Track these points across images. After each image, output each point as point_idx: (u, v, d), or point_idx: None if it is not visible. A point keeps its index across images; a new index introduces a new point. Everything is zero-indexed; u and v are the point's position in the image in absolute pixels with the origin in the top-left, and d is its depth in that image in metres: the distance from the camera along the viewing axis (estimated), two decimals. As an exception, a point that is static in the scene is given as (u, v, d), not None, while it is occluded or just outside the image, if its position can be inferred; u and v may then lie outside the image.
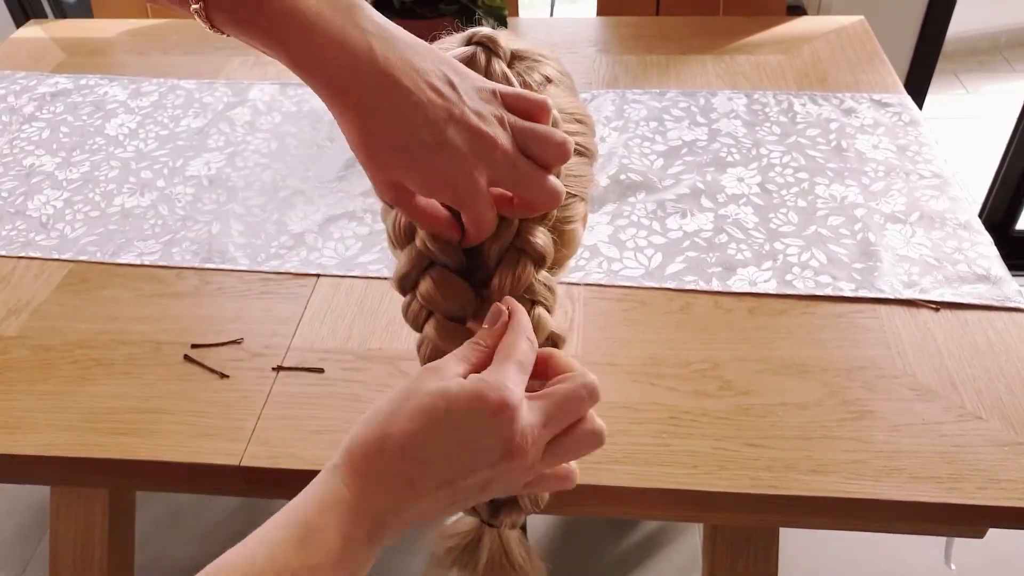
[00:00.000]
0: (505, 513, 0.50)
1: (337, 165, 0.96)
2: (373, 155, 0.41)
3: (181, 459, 0.64)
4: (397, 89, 0.40)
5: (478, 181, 0.42)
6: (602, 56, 1.16)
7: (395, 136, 0.40)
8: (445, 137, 0.41)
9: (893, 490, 0.59)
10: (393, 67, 0.40)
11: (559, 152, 0.44)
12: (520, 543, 0.54)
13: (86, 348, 0.74)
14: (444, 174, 0.42)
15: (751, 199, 0.87)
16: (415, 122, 0.40)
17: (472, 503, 0.43)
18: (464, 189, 0.42)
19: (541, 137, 0.44)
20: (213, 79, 1.15)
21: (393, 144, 0.41)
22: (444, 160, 0.41)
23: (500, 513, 0.51)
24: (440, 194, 0.43)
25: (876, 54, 1.12)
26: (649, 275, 0.78)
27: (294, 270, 0.81)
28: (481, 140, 0.42)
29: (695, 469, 0.61)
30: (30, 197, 0.93)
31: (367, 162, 0.42)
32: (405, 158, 0.41)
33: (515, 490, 0.46)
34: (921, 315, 0.73)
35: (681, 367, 0.69)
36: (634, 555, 1.31)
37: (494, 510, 0.51)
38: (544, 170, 0.45)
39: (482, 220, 0.44)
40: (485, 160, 0.42)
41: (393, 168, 0.42)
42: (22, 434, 0.66)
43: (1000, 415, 0.63)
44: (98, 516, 0.95)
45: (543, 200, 0.45)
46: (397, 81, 0.40)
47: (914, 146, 0.93)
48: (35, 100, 1.12)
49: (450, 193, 0.43)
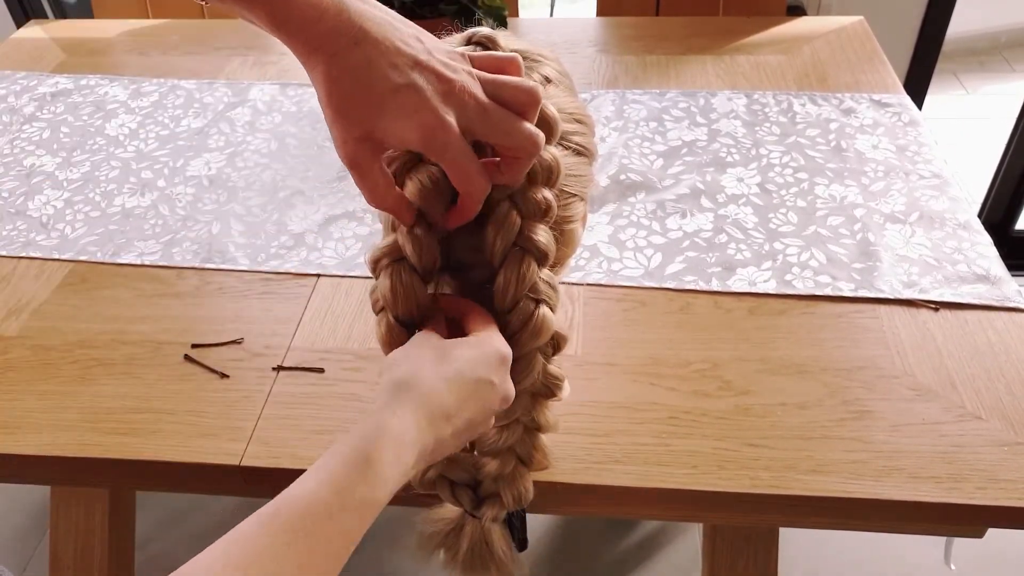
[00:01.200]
0: (488, 506, 0.51)
1: (337, 165, 0.96)
2: (340, 106, 0.42)
3: (181, 459, 0.64)
4: (366, 40, 0.41)
5: (445, 119, 0.42)
6: (602, 56, 1.16)
7: (361, 82, 0.41)
8: (410, 78, 0.41)
9: (893, 490, 0.59)
10: (365, 22, 0.41)
11: (529, 97, 0.44)
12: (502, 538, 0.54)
13: (86, 348, 0.74)
14: (410, 112, 0.42)
15: (751, 199, 0.87)
16: (381, 66, 0.41)
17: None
18: (432, 128, 0.42)
19: (511, 85, 0.44)
20: (213, 79, 1.15)
21: (359, 90, 0.41)
22: (409, 98, 0.41)
23: (483, 505, 0.51)
24: (408, 135, 0.42)
25: (876, 54, 1.12)
26: (649, 275, 0.78)
27: (294, 270, 0.81)
28: (447, 83, 0.42)
29: (695, 469, 0.61)
30: (30, 197, 0.94)
31: (334, 116, 0.42)
32: (370, 101, 0.41)
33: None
34: (921, 315, 0.73)
35: (681, 367, 0.69)
36: (634, 555, 1.31)
37: (477, 502, 0.51)
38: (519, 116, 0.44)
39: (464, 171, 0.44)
40: (453, 102, 0.42)
41: (359, 117, 0.42)
42: (22, 434, 0.66)
43: (1000, 415, 0.63)
44: (98, 516, 0.95)
45: (522, 143, 0.44)
46: (367, 33, 0.41)
47: (914, 146, 0.93)
48: (35, 100, 1.12)
49: (418, 134, 0.42)
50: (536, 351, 0.48)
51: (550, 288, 0.48)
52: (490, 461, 0.51)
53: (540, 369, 0.49)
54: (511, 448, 0.51)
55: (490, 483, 0.52)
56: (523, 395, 0.49)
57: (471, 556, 0.55)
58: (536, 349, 0.48)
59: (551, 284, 0.48)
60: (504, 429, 0.50)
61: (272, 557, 0.34)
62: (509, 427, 0.50)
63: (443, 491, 0.52)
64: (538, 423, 0.51)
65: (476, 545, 0.55)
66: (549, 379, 0.50)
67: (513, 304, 0.47)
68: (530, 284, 0.47)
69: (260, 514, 0.36)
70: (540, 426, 0.51)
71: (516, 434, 0.50)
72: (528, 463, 0.52)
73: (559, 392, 0.51)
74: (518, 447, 0.51)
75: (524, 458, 0.51)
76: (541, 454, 0.52)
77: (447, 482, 0.52)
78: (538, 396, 0.50)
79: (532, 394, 0.50)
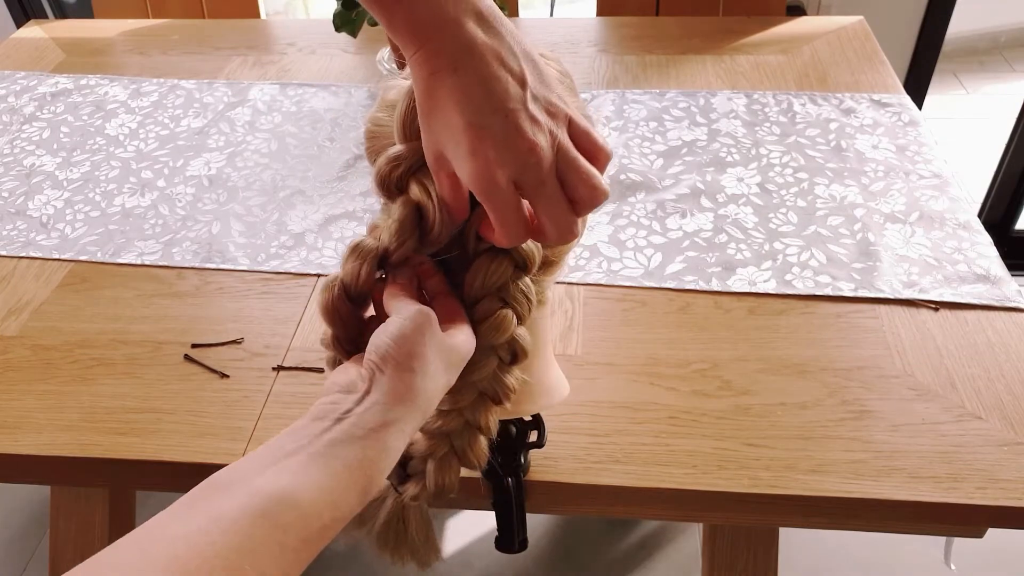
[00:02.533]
0: (411, 483, 0.51)
1: (337, 165, 0.96)
2: (426, 119, 0.43)
3: (181, 459, 0.64)
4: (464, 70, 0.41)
5: (495, 173, 0.41)
6: (602, 56, 1.16)
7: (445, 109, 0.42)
8: (484, 121, 0.41)
9: (893, 490, 0.59)
10: (471, 48, 0.41)
11: (591, 193, 0.43)
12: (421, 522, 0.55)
13: (86, 348, 0.74)
14: (468, 152, 0.41)
15: (751, 199, 0.87)
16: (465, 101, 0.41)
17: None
18: (480, 177, 0.42)
19: (582, 171, 0.43)
20: (213, 79, 1.15)
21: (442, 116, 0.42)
22: (472, 139, 0.41)
23: (407, 482, 0.51)
24: (462, 172, 0.42)
25: (876, 54, 1.12)
26: (649, 275, 0.78)
27: (294, 270, 0.81)
28: (522, 140, 0.42)
29: (695, 469, 0.61)
30: (31, 197, 0.94)
31: (423, 122, 0.43)
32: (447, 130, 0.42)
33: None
34: (921, 315, 0.73)
35: (681, 367, 0.69)
36: (634, 555, 1.31)
37: (403, 478, 0.51)
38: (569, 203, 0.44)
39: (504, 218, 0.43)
40: (516, 160, 0.42)
41: (437, 136, 0.43)
42: (22, 434, 0.66)
43: (1000, 415, 0.63)
44: (98, 516, 0.95)
45: (558, 231, 0.44)
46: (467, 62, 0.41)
47: (913, 146, 0.93)
48: (35, 100, 1.12)
49: (469, 176, 0.42)
50: (491, 349, 0.48)
51: (523, 296, 0.48)
52: (423, 440, 0.51)
53: (490, 370, 0.48)
54: (446, 435, 0.50)
55: (418, 462, 0.51)
56: (471, 390, 0.49)
57: (386, 531, 0.56)
58: (491, 347, 0.48)
59: (526, 293, 0.48)
60: (444, 415, 0.50)
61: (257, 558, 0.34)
62: (449, 414, 0.50)
63: None
64: (478, 423, 0.51)
65: (392, 521, 0.55)
66: (500, 385, 0.49)
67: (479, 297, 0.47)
68: (499, 284, 0.47)
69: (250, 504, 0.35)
70: (480, 426, 0.51)
71: (455, 424, 0.50)
72: (461, 457, 0.51)
73: (506, 402, 0.50)
74: (455, 438, 0.51)
75: (458, 450, 0.51)
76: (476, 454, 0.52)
77: None
78: (485, 397, 0.50)
79: (480, 393, 0.50)
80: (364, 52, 1.20)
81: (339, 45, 1.22)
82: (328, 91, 1.10)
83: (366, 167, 0.95)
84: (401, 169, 0.46)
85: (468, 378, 0.48)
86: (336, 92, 1.10)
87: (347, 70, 1.15)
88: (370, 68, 1.15)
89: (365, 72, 1.15)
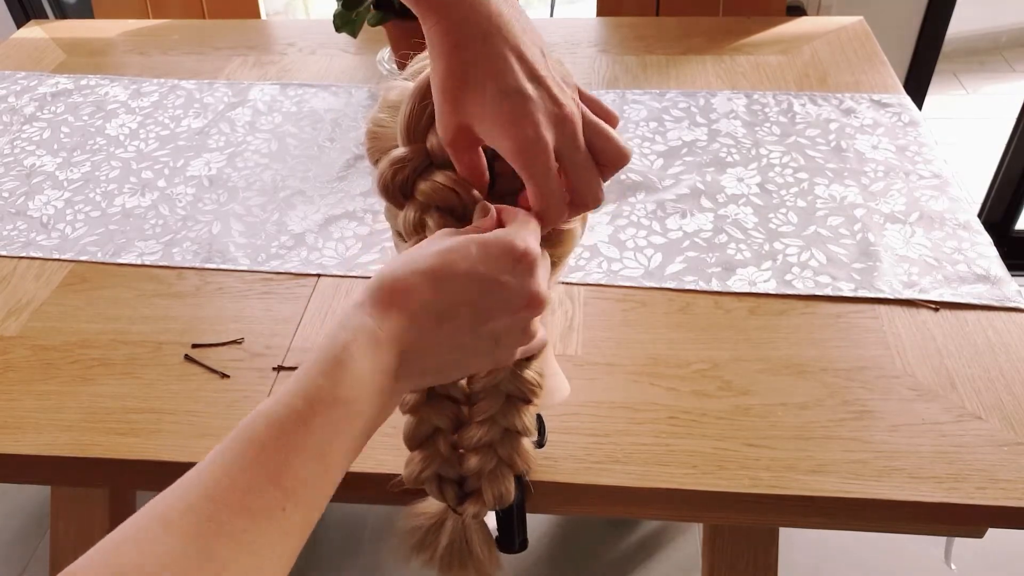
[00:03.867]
0: (471, 502, 0.51)
1: (337, 165, 0.96)
2: (452, 93, 0.42)
3: (181, 459, 0.64)
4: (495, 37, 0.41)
5: (544, 138, 0.41)
6: (602, 56, 1.16)
7: (477, 79, 0.41)
8: (524, 86, 0.41)
9: (893, 490, 0.59)
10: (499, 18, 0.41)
11: (619, 155, 0.44)
12: (483, 537, 0.55)
13: (86, 348, 0.74)
14: (513, 119, 0.41)
15: (751, 199, 0.87)
16: (500, 68, 0.41)
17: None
18: (529, 142, 0.41)
19: (608, 136, 0.44)
20: (213, 79, 1.15)
21: (474, 86, 0.41)
22: (517, 105, 0.41)
23: (465, 502, 0.51)
24: (504, 142, 0.42)
25: (876, 54, 1.12)
26: (649, 275, 0.78)
27: (294, 270, 0.81)
28: (558, 106, 0.42)
29: (695, 469, 0.61)
30: (31, 197, 0.94)
31: (443, 98, 0.42)
32: (480, 99, 0.41)
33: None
34: (921, 315, 0.73)
35: (681, 367, 0.69)
36: (634, 555, 1.31)
37: (461, 498, 0.51)
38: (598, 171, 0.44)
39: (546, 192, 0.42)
40: (556, 126, 0.42)
41: (465, 109, 0.42)
42: (22, 434, 0.66)
43: (1000, 415, 0.63)
44: (98, 516, 0.95)
45: (591, 197, 0.44)
46: (498, 30, 0.41)
47: (913, 146, 0.93)
48: (36, 100, 1.12)
49: (514, 144, 0.41)
50: None
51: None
52: (472, 457, 0.51)
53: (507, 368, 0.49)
54: (491, 446, 0.51)
55: (474, 480, 0.52)
56: (498, 395, 0.50)
57: (449, 553, 0.55)
58: None
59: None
60: (481, 425, 0.50)
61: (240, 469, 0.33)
62: (485, 424, 0.50)
63: (431, 486, 0.52)
64: (515, 426, 0.51)
65: (455, 542, 0.55)
66: (523, 383, 0.50)
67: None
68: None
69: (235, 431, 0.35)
70: (518, 429, 0.51)
71: (495, 433, 0.50)
72: (510, 464, 0.52)
73: (534, 399, 0.50)
74: (499, 447, 0.51)
75: (506, 459, 0.51)
76: (523, 458, 0.52)
77: (436, 477, 0.52)
78: (513, 399, 0.50)
79: (507, 395, 0.50)
80: (364, 52, 1.20)
81: (339, 45, 1.22)
82: (328, 91, 1.10)
83: (366, 167, 0.95)
84: (406, 172, 0.46)
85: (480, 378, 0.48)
86: (336, 92, 1.10)
87: (347, 70, 1.15)
88: (370, 68, 1.15)
89: (365, 72, 1.15)
